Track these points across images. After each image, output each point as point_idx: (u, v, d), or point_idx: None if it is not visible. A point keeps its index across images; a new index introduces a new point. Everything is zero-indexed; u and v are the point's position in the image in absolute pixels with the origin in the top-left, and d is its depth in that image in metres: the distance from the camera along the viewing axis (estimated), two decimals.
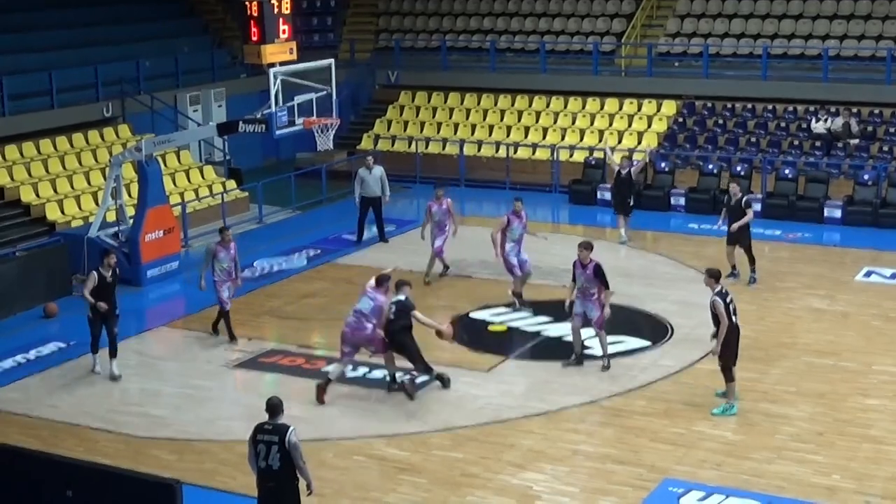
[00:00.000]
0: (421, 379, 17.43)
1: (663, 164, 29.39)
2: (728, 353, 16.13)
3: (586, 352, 18.52)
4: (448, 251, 22.94)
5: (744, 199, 22.16)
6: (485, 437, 15.86)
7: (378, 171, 25.42)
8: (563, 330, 19.87)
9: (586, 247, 17.89)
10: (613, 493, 14.17)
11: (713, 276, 16.45)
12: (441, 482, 14.57)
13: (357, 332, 17.03)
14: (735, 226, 21.96)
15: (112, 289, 18.03)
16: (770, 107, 31.53)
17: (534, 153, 31.99)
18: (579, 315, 17.95)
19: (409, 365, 17.25)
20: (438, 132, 33.79)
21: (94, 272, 17.94)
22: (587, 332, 18.28)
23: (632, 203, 25.28)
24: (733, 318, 16.09)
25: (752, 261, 22.25)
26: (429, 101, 35.08)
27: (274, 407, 12.15)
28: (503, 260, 21.10)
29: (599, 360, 18.10)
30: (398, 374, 17.41)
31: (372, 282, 17.31)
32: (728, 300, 16.18)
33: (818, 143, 29.74)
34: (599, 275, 17.65)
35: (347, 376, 17.82)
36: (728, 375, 16.31)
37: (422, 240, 23.03)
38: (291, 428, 11.99)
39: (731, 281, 21.73)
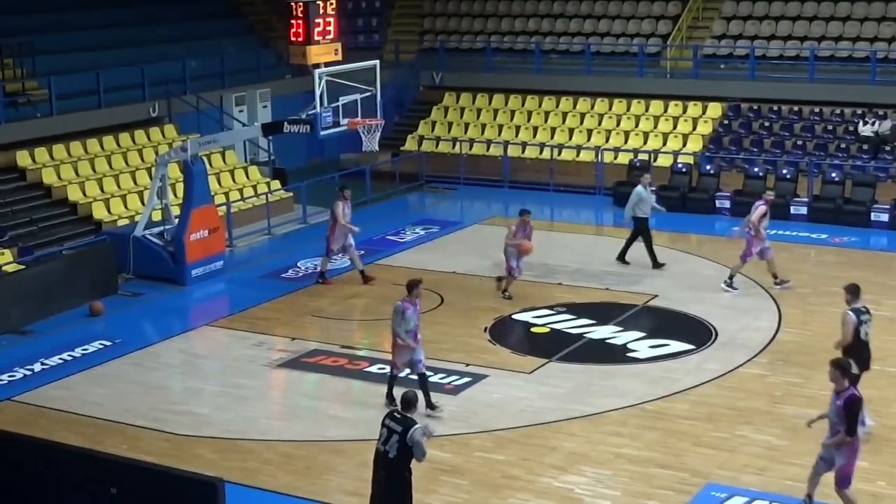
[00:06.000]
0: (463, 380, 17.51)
1: (708, 167, 29.19)
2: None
3: (630, 354, 18.48)
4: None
5: None
6: (526, 439, 15.82)
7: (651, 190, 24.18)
8: (605, 333, 19.82)
9: (840, 367, 13.34)
10: (655, 497, 14.10)
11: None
12: (482, 484, 14.54)
13: None
14: None
15: None
16: (817, 109, 31.25)
17: (578, 155, 31.90)
18: (826, 460, 13.37)
19: None
20: (483, 133, 33.76)
21: None
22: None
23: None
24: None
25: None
26: (473, 102, 35.06)
27: (407, 401, 12.37)
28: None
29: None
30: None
31: None
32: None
33: (865, 147, 29.45)
34: (850, 411, 13.08)
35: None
36: None
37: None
38: (419, 426, 12.09)
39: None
